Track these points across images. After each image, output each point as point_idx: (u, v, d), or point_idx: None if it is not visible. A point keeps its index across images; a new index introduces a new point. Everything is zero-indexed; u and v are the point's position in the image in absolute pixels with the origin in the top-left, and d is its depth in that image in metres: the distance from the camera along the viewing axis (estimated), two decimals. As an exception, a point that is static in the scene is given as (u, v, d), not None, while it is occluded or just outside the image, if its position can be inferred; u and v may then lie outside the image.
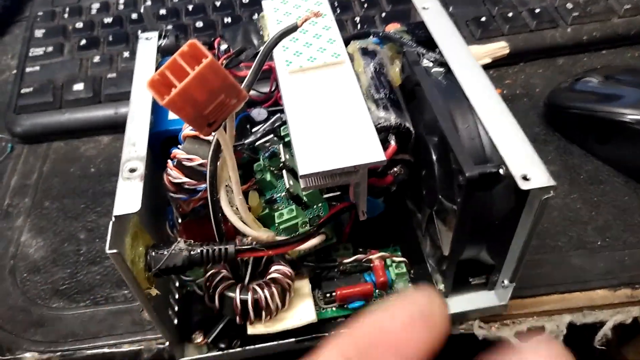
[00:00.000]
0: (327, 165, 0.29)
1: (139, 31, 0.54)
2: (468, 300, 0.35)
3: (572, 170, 0.44)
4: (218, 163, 0.29)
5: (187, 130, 0.32)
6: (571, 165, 0.44)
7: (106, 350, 0.36)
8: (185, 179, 0.31)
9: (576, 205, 0.41)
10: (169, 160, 0.32)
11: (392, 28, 0.41)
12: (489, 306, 0.35)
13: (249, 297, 0.31)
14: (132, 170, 0.28)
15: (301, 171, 0.29)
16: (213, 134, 0.28)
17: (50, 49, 0.54)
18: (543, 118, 0.48)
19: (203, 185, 0.31)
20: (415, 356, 0.17)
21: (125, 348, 0.36)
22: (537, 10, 0.54)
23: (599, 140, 0.45)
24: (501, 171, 0.28)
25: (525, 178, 0.27)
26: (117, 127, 0.49)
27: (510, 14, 0.54)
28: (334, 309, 0.35)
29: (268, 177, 0.38)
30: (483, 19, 0.54)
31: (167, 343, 0.31)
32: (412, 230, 0.40)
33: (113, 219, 0.26)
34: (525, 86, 0.51)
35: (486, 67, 0.47)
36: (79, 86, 0.50)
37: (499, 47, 0.46)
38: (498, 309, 0.35)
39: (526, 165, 0.27)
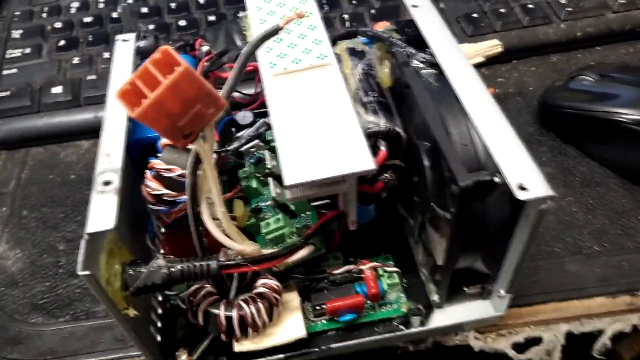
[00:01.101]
0: (313, 174, 0.27)
1: (120, 31, 0.53)
2: (463, 311, 0.34)
3: (567, 172, 0.43)
4: (198, 174, 0.28)
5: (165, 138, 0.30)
6: (566, 167, 0.43)
7: (87, 368, 0.34)
8: (164, 191, 0.29)
9: (571, 209, 0.40)
10: (147, 171, 0.31)
11: (382, 26, 0.39)
12: (485, 317, 0.33)
13: (234, 313, 0.29)
14: (107, 183, 0.27)
15: (287, 181, 0.27)
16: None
17: (28, 50, 0.52)
18: (537, 117, 0.46)
19: (183, 197, 0.30)
20: None
21: (107, 366, 0.34)
22: (530, 6, 0.53)
23: (594, 141, 0.43)
24: (496, 179, 0.27)
25: (522, 187, 0.25)
26: (97, 131, 0.46)
27: (502, 10, 0.52)
28: (324, 322, 0.33)
29: (254, 184, 0.36)
30: (475, 15, 0.52)
31: (149, 363, 0.30)
32: (404, 237, 0.38)
33: (85, 236, 0.24)
34: (519, 84, 0.49)
35: (478, 66, 0.46)
36: (57, 89, 0.48)
37: (492, 45, 0.44)
38: (494, 319, 0.34)
39: (523, 173, 0.26)
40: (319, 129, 0.29)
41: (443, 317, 0.34)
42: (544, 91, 0.47)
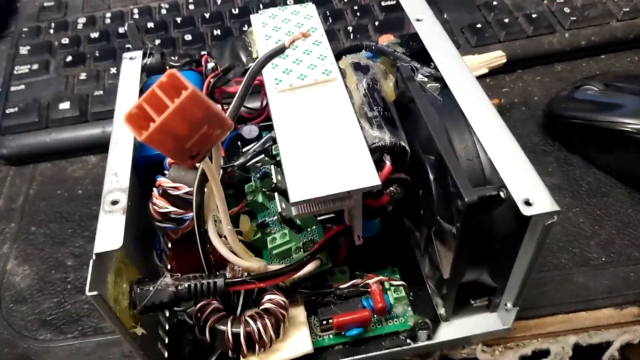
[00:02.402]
0: (319, 191, 0.27)
1: (127, 46, 0.53)
2: (470, 324, 0.34)
3: (574, 182, 0.42)
4: (205, 192, 0.28)
5: (173, 156, 0.31)
6: (572, 177, 0.43)
7: (95, 385, 0.34)
8: (171, 208, 0.30)
9: (578, 219, 0.40)
10: (154, 189, 0.31)
11: (385, 40, 0.39)
12: (493, 330, 0.33)
13: (241, 330, 0.29)
14: (114, 203, 0.27)
15: (292, 198, 0.27)
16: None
17: (35, 66, 0.53)
18: (542, 127, 0.46)
19: (190, 214, 0.30)
20: None
21: (115, 382, 0.34)
22: (534, 16, 0.53)
23: (600, 151, 0.43)
24: (502, 194, 0.27)
25: (527, 203, 0.25)
26: (104, 146, 0.46)
27: (506, 20, 0.53)
28: (330, 336, 0.33)
29: (260, 198, 0.36)
30: (478, 25, 0.52)
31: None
32: (411, 250, 0.38)
33: (94, 256, 0.25)
34: (523, 94, 0.49)
35: (482, 76, 0.46)
36: (65, 105, 0.49)
37: (496, 57, 0.45)
38: (502, 332, 0.34)
39: (528, 188, 0.26)
40: (324, 145, 0.30)
41: (450, 330, 0.34)
42: (549, 101, 0.47)
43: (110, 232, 0.26)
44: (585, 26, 0.52)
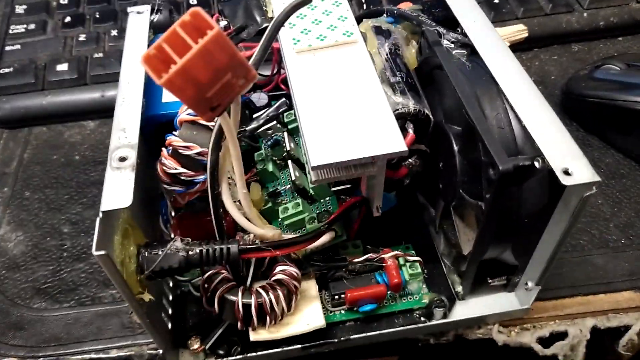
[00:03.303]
0: (342, 155, 0.26)
1: (128, 10, 0.51)
2: (487, 303, 0.33)
3: (592, 164, 0.40)
4: (220, 152, 0.26)
5: (184, 114, 0.29)
6: (590, 158, 0.41)
7: (93, 355, 0.32)
8: (181, 169, 0.28)
9: (597, 201, 0.39)
10: (163, 149, 0.29)
11: (405, 6, 0.38)
12: (510, 310, 0.32)
13: (253, 300, 0.28)
14: (123, 159, 0.25)
15: (313, 162, 0.26)
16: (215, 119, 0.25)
17: (32, 26, 0.50)
18: (560, 107, 0.45)
19: (201, 177, 0.28)
20: None
21: (114, 354, 0.32)
22: (553, -7, 0.51)
23: (620, 132, 0.42)
24: (537, 164, 0.25)
25: (566, 172, 0.24)
26: (103, 111, 0.46)
27: (524, -4, 0.51)
28: (342, 312, 0.32)
29: (270, 167, 0.35)
30: (496, 1, 0.51)
31: (161, 351, 0.28)
32: (424, 226, 0.37)
33: (100, 214, 0.23)
34: (540, 73, 0.48)
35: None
36: (62, 66, 0.46)
37: (517, 30, 0.43)
38: (520, 312, 0.32)
39: (567, 158, 0.24)
40: (346, 109, 0.28)
41: (466, 309, 0.32)
42: (568, 80, 0.45)
43: (118, 189, 0.24)
44: (604, 6, 0.51)
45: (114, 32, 0.49)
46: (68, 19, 0.51)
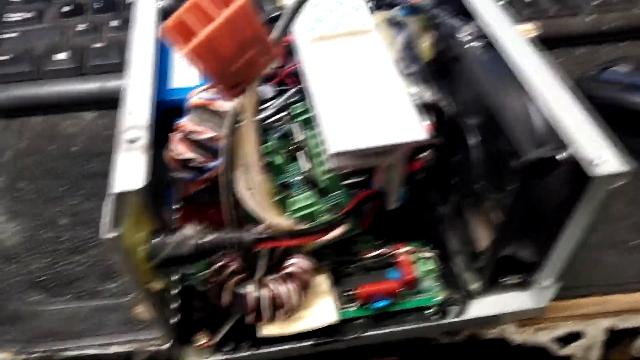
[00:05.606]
0: (362, 142, 0.25)
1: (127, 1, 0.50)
2: (501, 302, 0.32)
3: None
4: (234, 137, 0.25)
5: (196, 98, 0.28)
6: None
7: (92, 351, 0.31)
8: (192, 155, 0.27)
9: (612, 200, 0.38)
10: (171, 134, 0.28)
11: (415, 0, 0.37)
12: (526, 309, 0.31)
13: (266, 294, 0.26)
14: (133, 141, 0.24)
15: (332, 149, 0.25)
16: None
17: (28, 15, 0.49)
18: (567, 108, 0.45)
19: (213, 163, 0.27)
20: None
21: (114, 349, 0.31)
22: (558, -5, 0.51)
23: (628, 133, 0.42)
24: (561, 155, 0.25)
25: (593, 163, 0.23)
26: (102, 102, 0.44)
27: (530, -2, 0.51)
28: (354, 308, 0.31)
29: (278, 160, 0.34)
30: (501, 2, 0.50)
31: (169, 345, 0.27)
32: (434, 222, 0.36)
33: (113, 196, 0.22)
34: (546, 74, 0.48)
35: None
36: (60, 56, 0.45)
37: (527, 29, 0.42)
38: (535, 311, 0.32)
39: (595, 147, 0.24)
40: (364, 97, 0.27)
41: (481, 307, 0.32)
42: (574, 81, 0.45)
43: (130, 170, 0.22)
44: (609, 11, 0.51)
45: (114, 23, 0.48)
46: (66, 8, 0.49)
